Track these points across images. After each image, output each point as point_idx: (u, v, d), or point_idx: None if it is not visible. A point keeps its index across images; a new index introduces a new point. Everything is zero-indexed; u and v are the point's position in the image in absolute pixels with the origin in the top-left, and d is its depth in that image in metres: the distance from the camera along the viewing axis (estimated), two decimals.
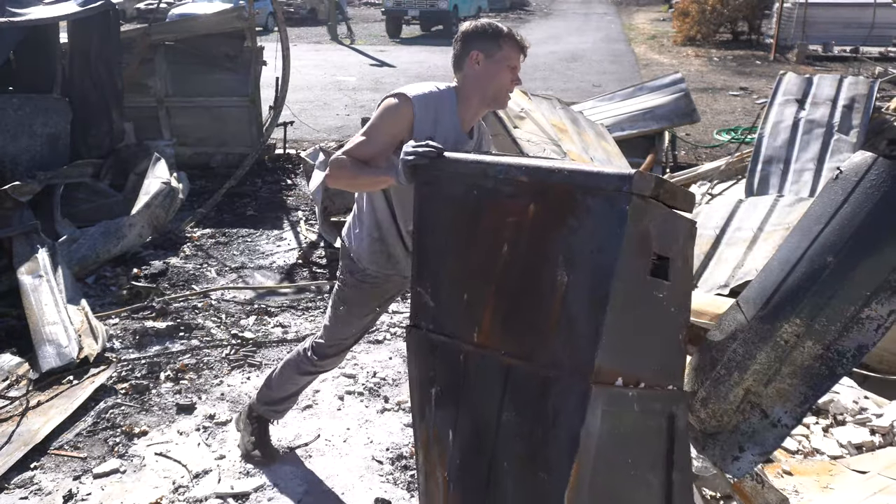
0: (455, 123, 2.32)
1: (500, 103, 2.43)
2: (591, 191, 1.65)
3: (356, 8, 28.39)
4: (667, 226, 1.70)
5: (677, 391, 1.81)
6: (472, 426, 1.91)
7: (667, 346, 1.78)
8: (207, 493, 2.68)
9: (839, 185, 1.78)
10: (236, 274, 4.68)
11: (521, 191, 1.78)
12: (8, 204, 4.62)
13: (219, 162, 6.86)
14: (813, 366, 1.75)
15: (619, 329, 1.62)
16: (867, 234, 1.69)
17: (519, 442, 1.77)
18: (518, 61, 2.32)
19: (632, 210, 1.58)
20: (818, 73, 8.31)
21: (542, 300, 1.71)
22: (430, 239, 2.03)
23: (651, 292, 1.69)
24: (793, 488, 2.50)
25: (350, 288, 2.55)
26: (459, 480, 1.97)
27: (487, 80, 2.29)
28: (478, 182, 1.87)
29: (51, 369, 3.30)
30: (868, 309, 1.68)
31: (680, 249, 1.75)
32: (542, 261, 1.72)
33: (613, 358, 1.63)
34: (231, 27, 6.65)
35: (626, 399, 1.67)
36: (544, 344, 1.71)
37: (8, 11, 5.05)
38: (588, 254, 1.64)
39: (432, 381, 2.02)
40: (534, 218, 1.75)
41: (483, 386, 1.86)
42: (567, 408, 1.65)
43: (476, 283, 1.88)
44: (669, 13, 23.91)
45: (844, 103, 5.72)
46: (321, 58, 15.41)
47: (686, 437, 1.83)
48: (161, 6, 15.68)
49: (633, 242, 1.60)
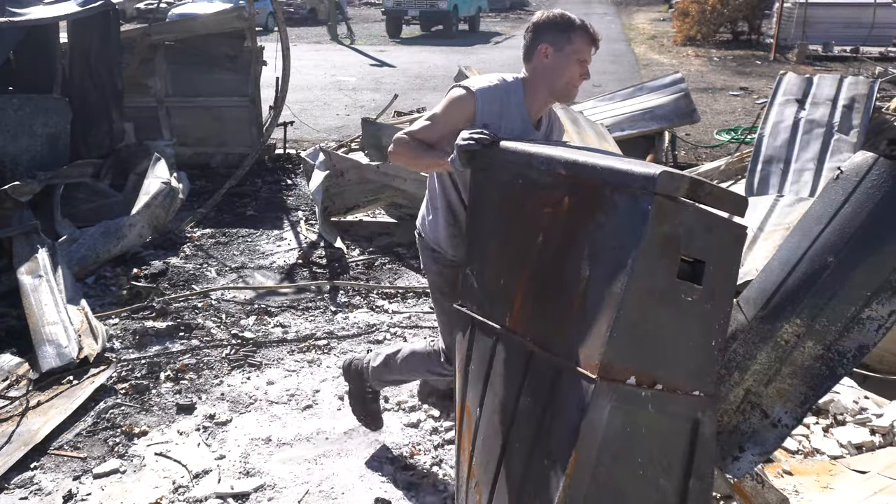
0: (523, 114, 2.32)
1: (568, 97, 2.38)
2: (618, 188, 1.66)
3: (356, 8, 28.39)
4: (704, 229, 1.66)
5: (704, 397, 1.74)
6: (495, 406, 1.99)
7: (695, 350, 1.73)
8: (207, 493, 2.68)
9: (840, 186, 1.78)
10: (236, 274, 4.68)
11: (558, 183, 1.83)
12: (8, 204, 4.62)
13: (219, 162, 6.86)
14: (813, 366, 1.75)
15: (634, 328, 1.62)
16: (868, 235, 1.69)
17: (530, 427, 1.83)
18: (589, 54, 2.28)
19: (655, 210, 1.57)
20: (818, 73, 8.31)
21: (566, 292, 1.76)
22: (480, 223, 2.14)
23: (678, 295, 1.66)
24: (793, 488, 2.50)
25: (439, 277, 2.54)
26: (480, 456, 2.07)
27: (556, 73, 2.27)
28: (523, 171, 1.94)
29: (51, 369, 3.30)
30: (869, 309, 1.68)
31: (720, 254, 1.69)
32: (571, 253, 1.76)
33: (625, 356, 1.63)
34: (231, 27, 6.64)
35: (638, 398, 1.65)
36: (562, 334, 1.75)
37: (8, 11, 5.05)
38: (610, 250, 1.65)
39: (469, 359, 2.14)
40: (568, 210, 1.80)
41: (508, 368, 1.95)
42: (573, 399, 1.68)
43: (512, 269, 1.96)
44: (669, 13, 23.91)
45: (844, 103, 5.71)
46: (321, 58, 15.40)
47: (711, 445, 1.78)
48: (161, 6, 15.68)
49: (655, 243, 1.59)
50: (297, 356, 3.67)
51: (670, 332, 1.68)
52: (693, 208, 1.63)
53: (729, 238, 1.71)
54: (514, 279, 1.95)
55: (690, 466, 1.73)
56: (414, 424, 3.11)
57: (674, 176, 1.58)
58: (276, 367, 3.57)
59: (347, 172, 5.20)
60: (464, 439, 2.17)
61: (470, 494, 2.11)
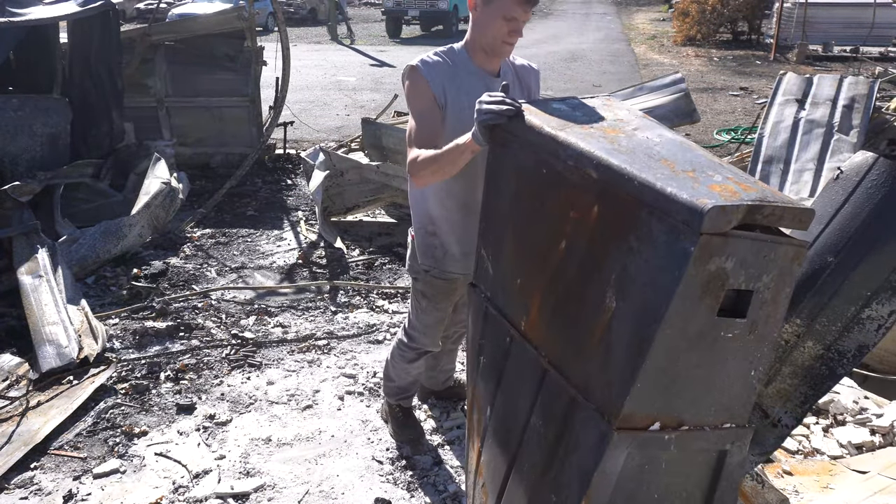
0: (474, 71, 2.25)
1: (500, 54, 2.25)
2: (656, 212, 1.37)
3: (356, 8, 28.38)
4: (758, 257, 1.39)
5: (734, 428, 1.56)
6: (506, 413, 1.87)
7: (731, 384, 1.52)
8: (207, 493, 2.68)
9: (840, 186, 1.78)
10: (236, 274, 4.68)
11: (588, 186, 1.55)
12: (8, 204, 4.62)
13: (219, 162, 6.86)
14: (813, 366, 1.75)
15: (663, 375, 1.43)
16: (868, 235, 1.68)
17: (541, 452, 1.71)
18: (517, 13, 2.10)
19: (699, 251, 1.30)
20: (818, 73, 8.31)
21: (588, 317, 1.54)
22: (497, 203, 1.91)
23: (718, 333, 1.42)
24: (793, 488, 2.50)
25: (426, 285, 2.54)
26: (488, 458, 1.99)
27: (484, 29, 2.17)
28: (548, 160, 1.67)
29: (51, 369, 3.30)
30: (869, 309, 1.68)
31: (771, 280, 1.43)
32: (596, 274, 1.52)
33: (650, 404, 1.46)
34: (231, 27, 6.64)
35: (661, 442, 1.50)
36: (580, 363, 1.58)
37: (8, 11, 5.05)
38: (641, 285, 1.41)
39: (481, 348, 2.00)
40: (596, 221, 1.54)
41: (521, 379, 1.80)
42: (587, 440, 1.53)
43: (530, 271, 1.76)
44: (669, 13, 23.91)
45: (844, 103, 5.71)
46: (321, 58, 15.40)
47: (737, 473, 1.63)
48: (161, 6, 15.68)
49: (694, 286, 1.34)
50: (297, 356, 3.67)
51: (703, 372, 1.47)
52: (746, 239, 1.36)
53: (785, 258, 1.43)
54: (531, 283, 1.75)
55: (713, 495, 1.60)
56: None
57: (727, 210, 1.29)
58: (276, 367, 3.57)
59: (347, 172, 5.20)
60: (473, 431, 2.09)
61: (477, 492, 2.10)
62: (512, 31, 2.14)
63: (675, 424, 1.50)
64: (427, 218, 2.39)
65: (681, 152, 1.57)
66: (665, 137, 1.65)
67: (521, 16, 2.12)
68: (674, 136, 1.66)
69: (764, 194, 1.39)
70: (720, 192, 1.35)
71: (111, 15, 5.64)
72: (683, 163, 1.50)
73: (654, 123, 1.76)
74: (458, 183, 2.27)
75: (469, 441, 2.13)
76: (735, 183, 1.41)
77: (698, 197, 1.32)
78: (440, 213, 2.36)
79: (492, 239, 1.94)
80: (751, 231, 1.37)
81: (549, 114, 1.78)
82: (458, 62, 2.25)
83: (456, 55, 2.26)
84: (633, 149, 1.57)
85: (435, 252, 2.42)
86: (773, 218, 1.37)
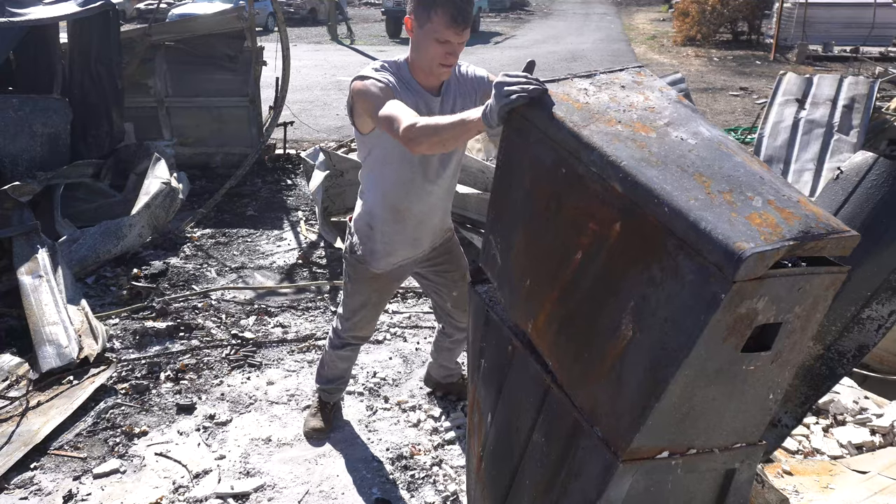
0: (415, 87, 2.23)
1: (437, 76, 2.23)
2: (686, 247, 1.24)
3: (356, 8, 28.39)
4: (792, 291, 1.27)
5: (745, 447, 1.51)
6: (508, 424, 1.81)
7: (747, 409, 1.44)
8: (207, 493, 2.68)
9: (839, 186, 1.78)
10: (236, 274, 4.68)
11: (612, 199, 1.39)
12: (8, 204, 4.62)
13: (219, 162, 6.85)
14: (814, 366, 1.75)
15: (676, 412, 1.36)
16: (868, 235, 1.68)
17: (543, 472, 1.66)
18: (451, 37, 2.09)
19: (730, 298, 1.19)
20: (818, 73, 8.31)
21: (600, 340, 1.44)
22: (509, 194, 1.76)
23: (739, 368, 1.34)
24: (793, 488, 2.50)
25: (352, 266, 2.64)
26: (489, 467, 1.94)
27: (420, 50, 2.17)
28: (568, 161, 1.51)
29: (51, 369, 3.29)
30: (869, 309, 1.68)
31: (804, 311, 1.32)
32: (613, 297, 1.41)
33: (660, 437, 1.40)
34: (231, 27, 6.64)
35: (667, 467, 1.45)
36: (587, 388, 1.49)
37: (8, 11, 5.05)
38: (661, 320, 1.30)
39: (482, 351, 1.93)
40: (617, 240, 1.40)
41: (524, 391, 1.72)
42: (590, 471, 1.47)
43: (541, 275, 1.64)
44: (669, 13, 23.92)
45: (844, 103, 5.72)
46: (321, 58, 15.41)
47: (745, 490, 1.58)
48: (161, 6, 15.68)
49: (721, 329, 1.24)
50: (297, 356, 3.67)
51: (719, 404, 1.39)
52: (782, 277, 1.24)
53: (821, 287, 1.31)
54: (541, 288, 1.63)
55: None
56: (414, 424, 3.11)
57: (766, 255, 1.16)
58: (276, 368, 3.57)
59: (347, 172, 5.20)
60: (474, 433, 2.05)
61: (478, 495, 2.08)
62: (447, 54, 2.13)
63: (683, 451, 1.45)
64: (369, 213, 2.50)
65: (717, 161, 1.41)
66: (701, 137, 1.49)
67: (454, 38, 2.10)
68: (710, 134, 1.50)
69: (807, 224, 1.23)
70: (759, 226, 1.21)
71: (111, 15, 5.64)
72: (720, 180, 1.34)
73: (689, 112, 1.60)
74: (392, 188, 2.40)
75: (469, 441, 2.12)
76: (776, 209, 1.26)
77: (735, 238, 1.18)
78: (377, 211, 2.47)
79: (500, 228, 1.82)
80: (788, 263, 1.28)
81: (573, 99, 1.59)
82: (402, 77, 2.23)
83: (400, 70, 2.24)
84: (664, 158, 1.39)
85: (367, 242, 2.54)
86: (815, 250, 1.24)
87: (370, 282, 2.63)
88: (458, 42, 2.12)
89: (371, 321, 2.80)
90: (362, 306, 2.71)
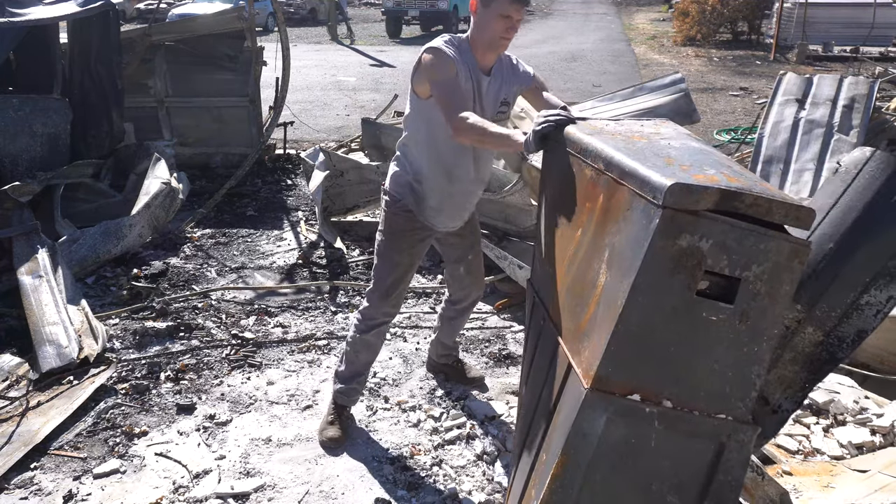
0: (472, 64, 2.49)
1: (497, 49, 2.51)
2: (637, 193, 1.54)
3: (356, 8, 28.40)
4: (742, 245, 1.46)
5: (730, 421, 1.61)
6: (532, 390, 2.10)
7: (721, 372, 1.57)
8: (207, 493, 2.68)
9: (839, 178, 1.82)
10: (236, 274, 4.68)
11: (599, 179, 1.75)
12: (8, 204, 4.62)
13: (219, 162, 6.86)
14: (814, 352, 1.78)
15: (638, 343, 1.54)
16: (866, 223, 1.72)
17: (545, 419, 1.88)
18: (513, 12, 2.40)
19: (662, 224, 1.43)
20: (818, 73, 8.31)
21: (587, 295, 1.73)
22: (544, 204, 2.20)
23: (699, 314, 1.51)
24: (793, 487, 2.50)
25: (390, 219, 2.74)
26: (519, 431, 2.23)
27: (483, 27, 2.45)
28: (576, 159, 1.91)
29: (51, 369, 3.29)
30: (867, 295, 1.71)
31: (763, 272, 1.49)
32: (596, 255, 1.71)
33: (627, 371, 1.56)
34: (231, 27, 6.64)
35: (642, 414, 1.59)
36: (577, 336, 1.75)
37: (8, 11, 5.05)
38: (622, 259, 1.56)
39: (528, 335, 2.31)
40: (600, 210, 1.73)
41: (543, 357, 2.02)
42: (570, 402, 1.69)
43: (557, 258, 2.00)
44: (669, 13, 23.93)
45: (844, 103, 5.71)
46: (321, 58, 15.41)
47: (737, 472, 1.65)
48: (161, 6, 15.68)
49: (664, 258, 1.46)
50: (297, 356, 3.67)
51: (686, 350, 1.55)
52: (724, 223, 1.45)
53: (779, 253, 1.48)
54: (556, 269, 2.00)
55: (708, 489, 1.64)
56: (414, 424, 3.11)
57: (692, 189, 1.41)
58: (276, 368, 3.57)
59: (347, 173, 5.20)
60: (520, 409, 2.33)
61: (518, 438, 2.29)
62: (508, 28, 2.44)
63: (655, 399, 1.58)
64: (417, 172, 2.67)
65: (691, 155, 1.69)
66: (688, 146, 1.77)
67: (515, 14, 2.42)
68: (699, 146, 1.78)
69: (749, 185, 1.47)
70: (699, 178, 1.47)
71: (111, 15, 5.64)
72: (686, 161, 1.62)
73: (692, 139, 1.90)
74: (447, 150, 2.58)
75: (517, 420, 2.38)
76: (725, 176, 1.50)
77: (670, 178, 1.45)
78: (428, 173, 2.65)
79: (539, 235, 2.22)
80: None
81: (592, 126, 1.99)
82: (463, 53, 2.49)
83: (462, 47, 2.50)
84: (643, 149, 1.72)
85: (414, 194, 2.68)
86: (759, 209, 1.44)
87: (408, 236, 2.72)
88: (517, 19, 2.43)
89: (401, 291, 2.83)
90: (396, 266, 2.75)
